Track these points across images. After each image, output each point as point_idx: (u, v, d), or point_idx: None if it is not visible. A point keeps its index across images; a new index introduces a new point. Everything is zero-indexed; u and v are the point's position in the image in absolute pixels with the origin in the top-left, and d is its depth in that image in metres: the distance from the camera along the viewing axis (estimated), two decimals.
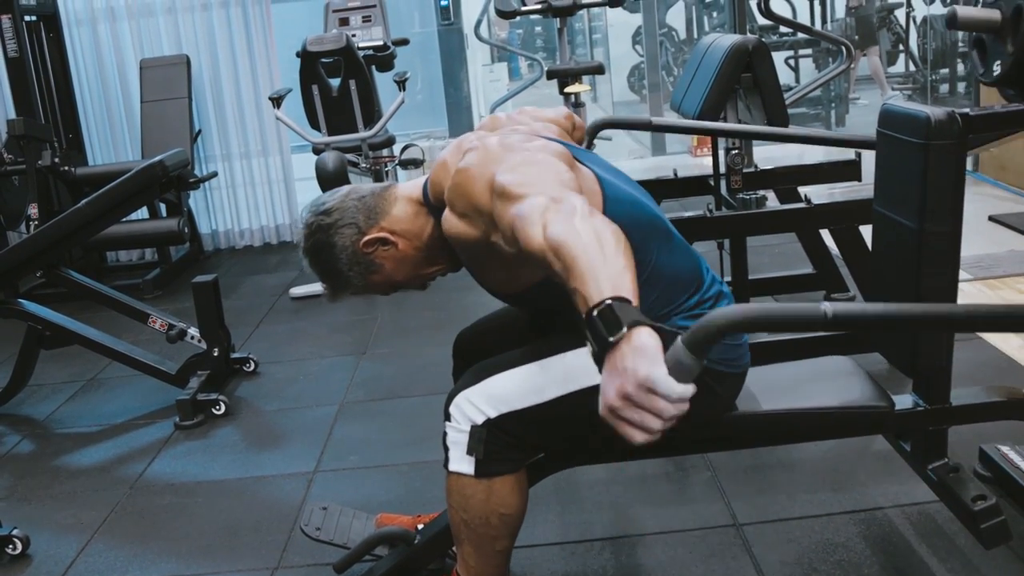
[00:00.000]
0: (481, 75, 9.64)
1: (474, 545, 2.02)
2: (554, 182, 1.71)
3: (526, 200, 1.64)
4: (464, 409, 1.97)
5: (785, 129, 3.56)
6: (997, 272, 4.28)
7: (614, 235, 1.49)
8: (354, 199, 2.12)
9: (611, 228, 1.51)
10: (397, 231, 2.10)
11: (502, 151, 1.86)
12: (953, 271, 2.04)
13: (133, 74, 6.40)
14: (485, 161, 1.84)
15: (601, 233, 1.48)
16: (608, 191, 1.96)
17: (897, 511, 2.58)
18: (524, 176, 1.73)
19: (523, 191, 1.68)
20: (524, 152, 1.85)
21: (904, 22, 9.78)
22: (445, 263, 2.13)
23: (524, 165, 1.78)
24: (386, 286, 2.18)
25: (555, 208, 1.57)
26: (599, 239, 1.47)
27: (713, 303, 2.03)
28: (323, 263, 2.13)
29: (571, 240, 1.47)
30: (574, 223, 1.51)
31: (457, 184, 1.88)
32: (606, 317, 1.35)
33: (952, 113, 1.96)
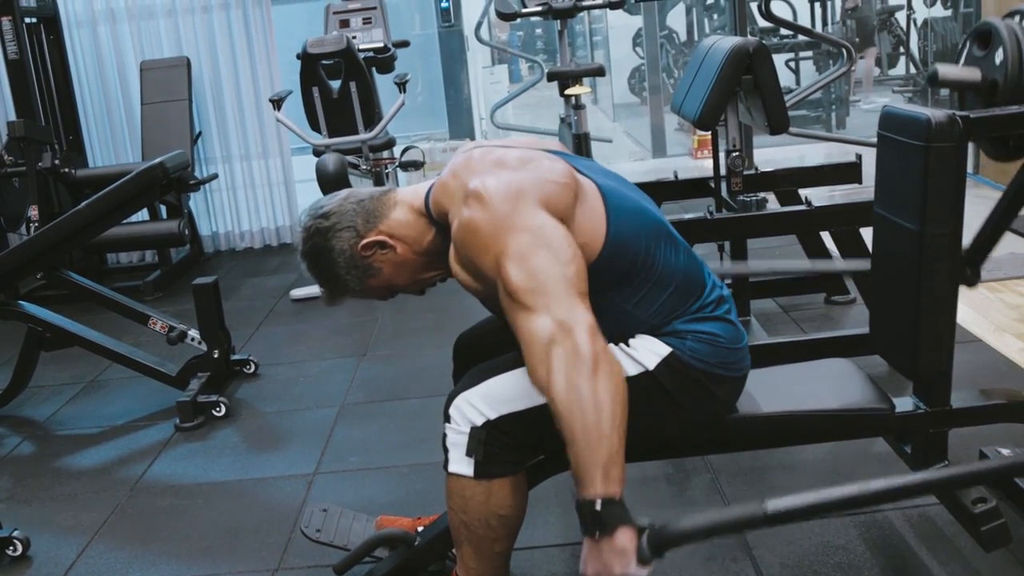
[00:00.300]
0: (481, 77, 9.63)
1: (474, 547, 2.02)
2: (562, 290, 1.74)
3: (533, 320, 1.72)
4: (463, 411, 1.97)
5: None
6: (998, 275, 4.27)
7: (613, 400, 1.66)
8: (353, 203, 2.12)
9: (612, 386, 1.67)
10: (396, 235, 2.09)
11: (509, 210, 1.82)
12: (954, 274, 2.04)
13: (133, 76, 6.40)
14: (491, 226, 1.82)
15: (601, 403, 1.65)
16: (611, 203, 1.96)
17: (897, 513, 2.58)
18: (532, 278, 1.75)
19: (531, 302, 1.74)
20: (531, 217, 1.81)
21: (905, 24, 9.78)
22: (444, 268, 2.11)
23: (532, 253, 1.77)
24: (384, 291, 2.18)
25: (560, 347, 1.68)
26: (598, 412, 1.65)
27: (715, 307, 2.04)
28: (321, 266, 2.13)
29: (572, 413, 1.66)
30: (578, 384, 1.66)
31: (462, 241, 1.87)
32: (594, 515, 1.65)
33: (953, 115, 1.96)
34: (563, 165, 1.96)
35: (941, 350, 2.10)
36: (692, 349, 1.98)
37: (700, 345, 1.99)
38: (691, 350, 1.98)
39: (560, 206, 1.87)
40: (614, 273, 1.94)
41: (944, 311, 2.06)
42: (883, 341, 2.27)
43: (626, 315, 1.98)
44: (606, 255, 1.92)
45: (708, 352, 1.99)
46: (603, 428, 1.65)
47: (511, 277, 1.76)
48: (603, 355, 1.69)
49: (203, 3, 6.40)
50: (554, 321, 1.70)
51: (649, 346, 1.98)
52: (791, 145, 7.71)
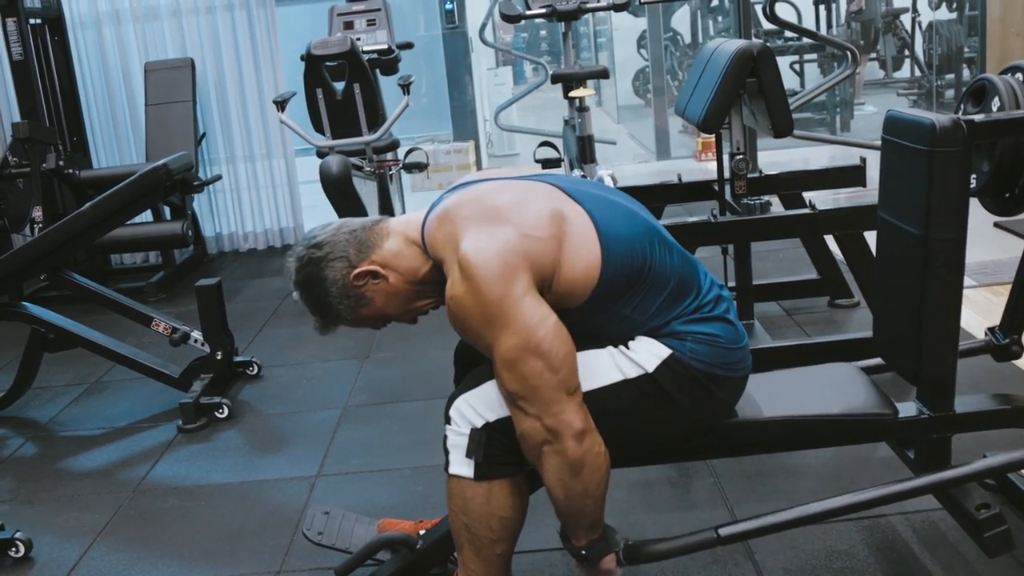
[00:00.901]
0: (486, 79, 9.64)
1: (475, 549, 2.02)
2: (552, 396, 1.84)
3: (526, 422, 1.86)
4: (464, 412, 1.98)
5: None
6: (1002, 279, 4.26)
7: (597, 488, 1.90)
8: (345, 232, 2.13)
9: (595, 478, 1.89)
10: (388, 265, 2.10)
11: (498, 297, 1.83)
12: (958, 278, 2.04)
13: (138, 77, 6.41)
14: (480, 315, 1.85)
15: (586, 492, 1.89)
16: (602, 227, 1.97)
17: (900, 519, 2.57)
18: (523, 384, 1.84)
19: (523, 406, 1.86)
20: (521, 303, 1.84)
21: (910, 27, 9.76)
22: (436, 297, 2.14)
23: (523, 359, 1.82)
24: (377, 319, 2.20)
25: (551, 453, 1.86)
26: (584, 498, 1.90)
27: (712, 306, 2.04)
28: (314, 296, 2.15)
29: (559, 496, 1.91)
30: (564, 479, 1.88)
31: (454, 316, 1.91)
32: (580, 555, 2.01)
33: (957, 120, 1.95)
34: (549, 206, 1.96)
35: (945, 354, 2.09)
36: (692, 350, 1.98)
37: (700, 346, 1.99)
38: (691, 351, 1.98)
39: (548, 263, 1.90)
40: (613, 289, 1.96)
41: (948, 315, 2.06)
42: (886, 345, 2.27)
43: (625, 320, 1.99)
44: (604, 279, 1.94)
45: (708, 353, 1.99)
46: (587, 508, 1.92)
47: (505, 383, 1.87)
48: (587, 455, 1.85)
49: (207, 4, 6.40)
50: (544, 427, 1.84)
51: (649, 348, 1.99)
52: (795, 148, 7.72)
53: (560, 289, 1.92)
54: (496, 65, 10.60)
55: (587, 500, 1.89)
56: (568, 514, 1.94)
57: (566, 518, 1.96)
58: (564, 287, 1.92)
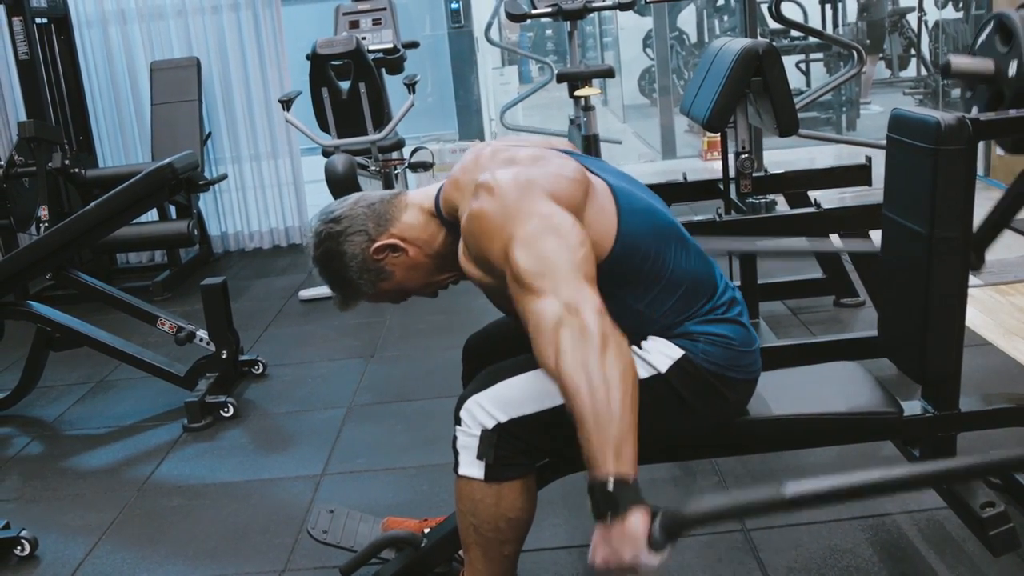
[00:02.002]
0: (491, 78, 9.63)
1: (482, 549, 2.02)
2: (570, 272, 1.73)
3: (541, 302, 1.70)
4: (475, 413, 1.96)
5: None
6: (1008, 278, 4.26)
7: (622, 378, 1.62)
8: (363, 206, 2.12)
9: (621, 364, 1.63)
10: (407, 238, 2.09)
11: (518, 198, 1.82)
12: (963, 277, 2.03)
13: (143, 76, 6.42)
14: (500, 214, 1.82)
15: (610, 380, 1.61)
16: (622, 202, 1.96)
17: (905, 517, 2.57)
18: (540, 261, 1.74)
19: (538, 285, 1.72)
20: (540, 205, 1.81)
21: (916, 26, 9.75)
22: (456, 270, 2.10)
23: (540, 238, 1.76)
24: (397, 294, 2.18)
25: (568, 327, 1.65)
26: (608, 390, 1.60)
27: (726, 309, 2.03)
28: (333, 271, 2.13)
29: (581, 390, 1.61)
30: (586, 362, 1.62)
31: (471, 231, 1.87)
32: (606, 496, 1.57)
33: (962, 118, 1.95)
34: (574, 163, 1.96)
35: (950, 353, 2.09)
36: (704, 351, 1.98)
37: (712, 347, 1.98)
38: (703, 352, 1.97)
39: (571, 200, 1.86)
40: (624, 272, 1.93)
41: (953, 314, 2.05)
42: (892, 344, 2.26)
43: (638, 315, 1.98)
44: (616, 254, 1.92)
45: (720, 354, 1.99)
46: (613, 406, 1.60)
47: (519, 262, 1.75)
48: (611, 334, 1.66)
49: (213, 3, 6.41)
50: (561, 302, 1.68)
51: (661, 348, 1.98)
52: (801, 147, 7.71)
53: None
54: (502, 64, 10.59)
55: (612, 395, 1.60)
56: (593, 419, 1.60)
57: (590, 426, 1.60)
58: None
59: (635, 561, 1.56)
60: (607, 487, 1.57)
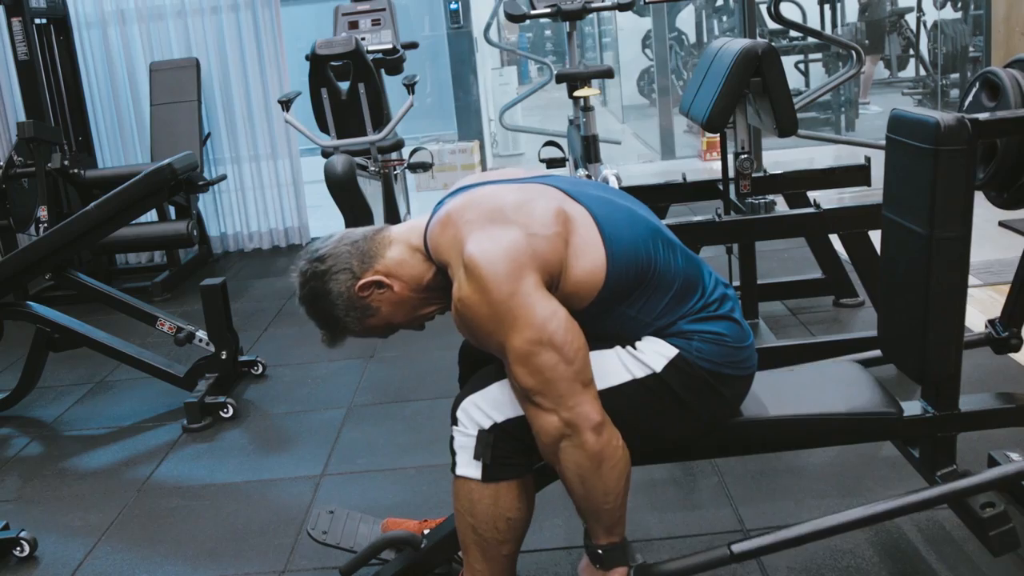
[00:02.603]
0: (490, 79, 9.64)
1: (481, 549, 2.02)
2: (567, 388, 1.83)
3: (542, 417, 1.85)
4: (471, 414, 1.97)
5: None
6: (1007, 278, 4.24)
7: (616, 484, 1.88)
8: (347, 244, 2.13)
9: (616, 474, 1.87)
10: (392, 274, 2.10)
11: (508, 295, 1.82)
12: (962, 277, 2.03)
13: (143, 77, 6.42)
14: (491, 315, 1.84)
15: (607, 488, 1.88)
16: (604, 225, 1.96)
17: (905, 518, 2.56)
18: (539, 378, 1.83)
19: (539, 401, 1.85)
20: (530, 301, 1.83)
21: (915, 27, 9.76)
22: (442, 303, 2.13)
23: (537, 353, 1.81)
24: (384, 329, 2.20)
25: (569, 447, 1.85)
26: (604, 495, 1.88)
27: (718, 305, 2.04)
28: (320, 310, 2.15)
29: (578, 495, 1.90)
30: (584, 476, 1.86)
31: (463, 319, 1.89)
32: (597, 556, 1.97)
33: (961, 118, 1.95)
34: (554, 205, 1.96)
35: (949, 353, 2.09)
36: (699, 349, 1.98)
37: (706, 345, 1.99)
38: (697, 350, 1.98)
39: (554, 262, 1.89)
40: (619, 292, 1.96)
41: (952, 314, 2.05)
42: (891, 344, 2.26)
43: (631, 320, 1.99)
44: (610, 281, 1.93)
45: (715, 352, 1.99)
46: (607, 505, 1.89)
47: (519, 379, 1.85)
48: (607, 448, 1.85)
49: (212, 4, 6.41)
50: (562, 421, 1.83)
51: (656, 348, 1.98)
52: (800, 147, 7.71)
53: (567, 289, 1.91)
54: (501, 65, 10.60)
55: (607, 497, 1.87)
56: (588, 512, 1.92)
57: (586, 515, 1.94)
58: (571, 287, 1.91)
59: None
60: (598, 550, 1.96)
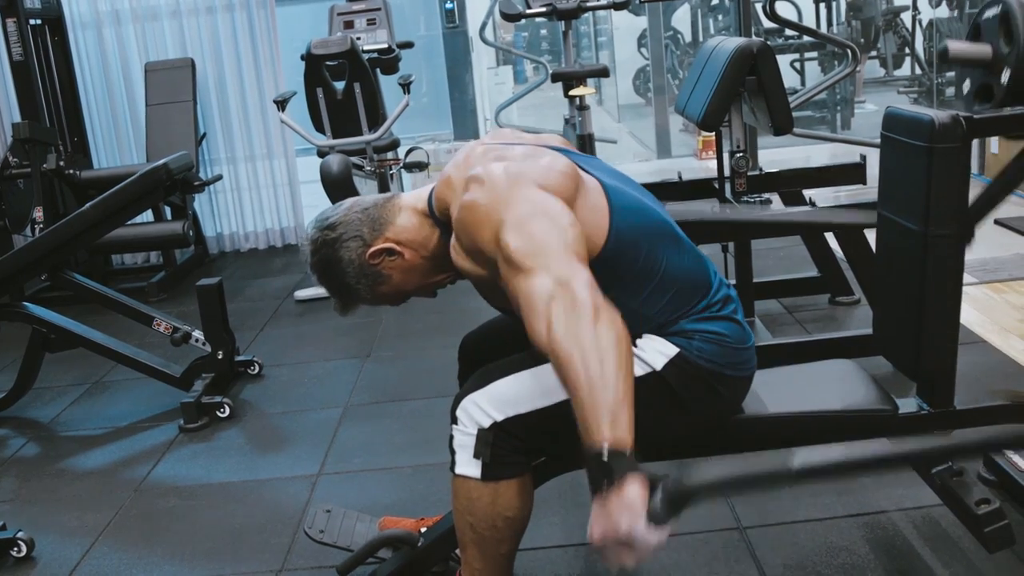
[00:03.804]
0: (486, 78, 9.63)
1: (479, 548, 2.02)
2: (560, 250, 1.74)
3: (532, 280, 1.70)
4: (471, 412, 1.97)
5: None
6: (1002, 276, 4.27)
7: (616, 346, 1.61)
8: (357, 211, 2.12)
9: (614, 334, 1.62)
10: (403, 241, 2.10)
11: (508, 187, 1.84)
12: (957, 274, 2.04)
13: (138, 77, 6.41)
14: (491, 202, 1.83)
15: (604, 348, 1.60)
16: (614, 200, 1.96)
17: (901, 515, 2.58)
18: (530, 241, 1.75)
19: (529, 264, 1.72)
20: (530, 192, 1.83)
21: (910, 25, 9.76)
22: (453, 270, 2.10)
23: (530, 220, 1.78)
24: (395, 296, 2.19)
25: (560, 301, 1.65)
26: (601, 357, 1.59)
27: (721, 306, 2.04)
28: (331, 278, 2.14)
29: (574, 359, 1.59)
30: (579, 331, 1.61)
31: (462, 222, 1.88)
32: (601, 464, 1.53)
33: (956, 116, 1.96)
34: (565, 159, 1.97)
35: (945, 351, 2.09)
36: (699, 349, 1.98)
37: (707, 345, 1.99)
38: (698, 350, 1.98)
39: (561, 193, 1.87)
40: (616, 270, 1.94)
41: (948, 312, 2.06)
42: (887, 342, 2.27)
43: (632, 314, 1.97)
44: (608, 250, 1.92)
45: (715, 352, 1.99)
46: (607, 372, 1.58)
47: (509, 243, 1.76)
48: (603, 306, 1.66)
49: (207, 4, 6.40)
50: (552, 278, 1.69)
51: (656, 346, 1.98)
52: (795, 146, 7.71)
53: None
54: (496, 64, 10.60)
55: (606, 362, 1.58)
56: (586, 386, 1.57)
57: (584, 394, 1.57)
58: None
59: (632, 533, 1.49)
60: (602, 456, 1.53)
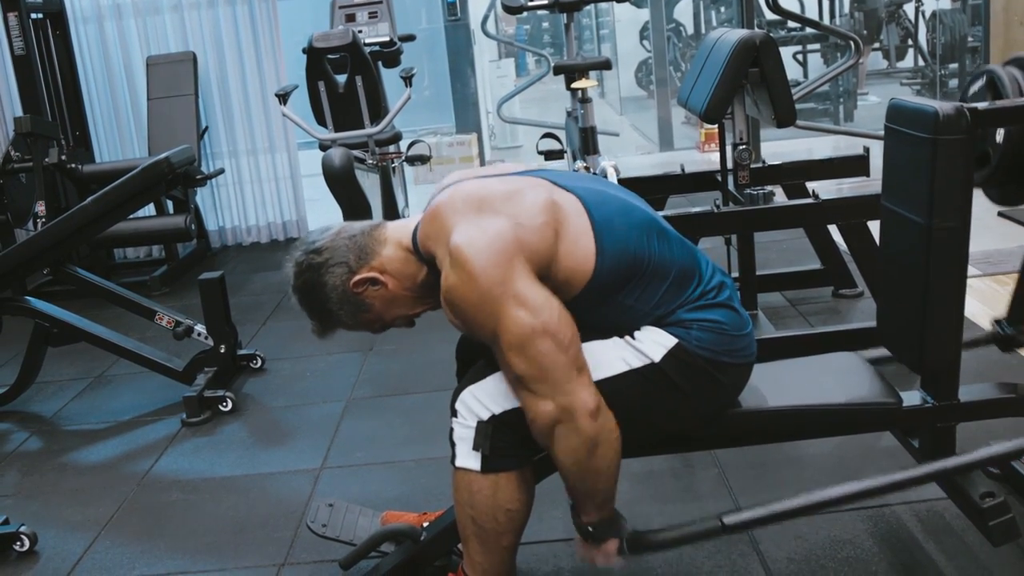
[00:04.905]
0: (488, 71, 9.63)
1: (480, 541, 2.02)
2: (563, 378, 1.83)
3: (538, 403, 1.85)
4: (470, 405, 1.97)
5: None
6: (1006, 268, 4.25)
7: (609, 466, 1.89)
8: (345, 238, 2.12)
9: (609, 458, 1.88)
10: (387, 272, 2.10)
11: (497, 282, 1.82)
12: (961, 267, 2.03)
13: (140, 71, 6.41)
14: (480, 303, 1.83)
15: (599, 470, 1.89)
16: (595, 215, 1.96)
17: (905, 508, 2.57)
18: (534, 367, 1.82)
19: (536, 388, 1.84)
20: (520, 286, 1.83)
21: (913, 16, 9.74)
22: (433, 302, 2.11)
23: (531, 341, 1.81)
24: (375, 324, 2.19)
25: (563, 428, 1.84)
26: (596, 477, 1.90)
27: (716, 293, 2.04)
28: (313, 301, 2.14)
29: (571, 477, 1.92)
30: (578, 460, 1.87)
31: (453, 309, 1.89)
32: (588, 532, 2.01)
33: (960, 108, 1.95)
34: (543, 195, 1.95)
35: (949, 344, 2.09)
36: (697, 338, 1.98)
37: (705, 334, 1.98)
38: (696, 339, 1.98)
39: (543, 251, 1.89)
40: (612, 281, 1.95)
41: (952, 304, 2.05)
42: (891, 335, 2.26)
43: (629, 310, 1.98)
44: (601, 270, 1.93)
45: (713, 340, 1.99)
46: (600, 485, 1.92)
47: (513, 366, 1.84)
48: (602, 433, 1.85)
49: None
50: (557, 406, 1.83)
51: (655, 338, 1.98)
52: (798, 138, 7.70)
53: (559, 278, 1.91)
54: (498, 57, 10.57)
55: (600, 478, 1.89)
56: (581, 492, 1.94)
57: (578, 495, 1.96)
58: (562, 276, 1.91)
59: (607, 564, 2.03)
60: (589, 528, 1.99)
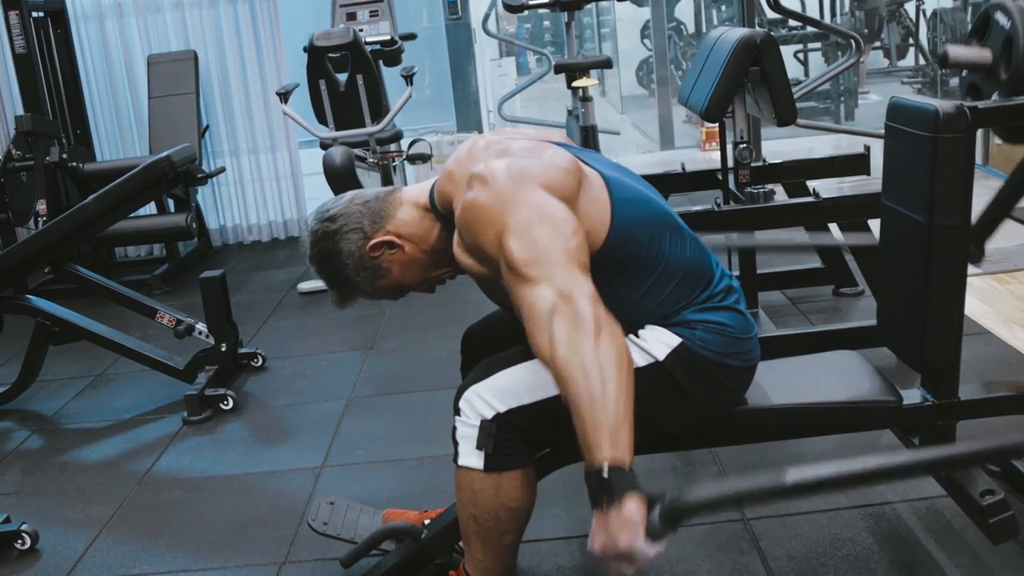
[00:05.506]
0: (489, 70, 9.62)
1: (482, 540, 2.02)
2: (563, 261, 1.73)
3: (535, 290, 1.70)
4: (474, 403, 1.97)
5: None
6: (1007, 266, 4.26)
7: (617, 364, 1.61)
8: (358, 204, 2.12)
9: (615, 351, 1.62)
10: (403, 234, 2.09)
11: (512, 188, 1.83)
12: (962, 266, 2.03)
13: (140, 70, 6.40)
14: (494, 203, 1.82)
15: (604, 366, 1.60)
16: (615, 192, 1.96)
17: (905, 506, 2.57)
18: (533, 249, 1.74)
19: (532, 273, 1.72)
20: (533, 195, 1.82)
21: (914, 15, 9.74)
22: (453, 265, 2.10)
23: (533, 226, 1.77)
24: (394, 290, 2.18)
25: (562, 315, 1.65)
26: (602, 376, 1.59)
27: (723, 296, 2.04)
28: (330, 269, 2.14)
29: (576, 377, 1.60)
30: (580, 348, 1.61)
31: (465, 220, 1.88)
32: (601, 481, 1.54)
33: (961, 106, 1.95)
34: (568, 154, 1.97)
35: (949, 342, 2.09)
36: (702, 339, 1.98)
37: (710, 335, 1.98)
38: (701, 340, 1.97)
39: (564, 190, 1.87)
40: (619, 262, 1.94)
41: (952, 302, 2.05)
42: (891, 333, 2.27)
43: (634, 305, 1.98)
44: (610, 243, 1.92)
45: (718, 342, 1.99)
46: (608, 392, 1.58)
47: (512, 250, 1.76)
48: (605, 320, 1.66)
49: None
50: (555, 290, 1.68)
51: (659, 337, 1.98)
52: (799, 137, 7.70)
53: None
54: (499, 56, 10.57)
55: (607, 381, 1.59)
56: (587, 404, 1.58)
57: (584, 412, 1.58)
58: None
59: (632, 548, 1.51)
60: (602, 473, 1.54)
